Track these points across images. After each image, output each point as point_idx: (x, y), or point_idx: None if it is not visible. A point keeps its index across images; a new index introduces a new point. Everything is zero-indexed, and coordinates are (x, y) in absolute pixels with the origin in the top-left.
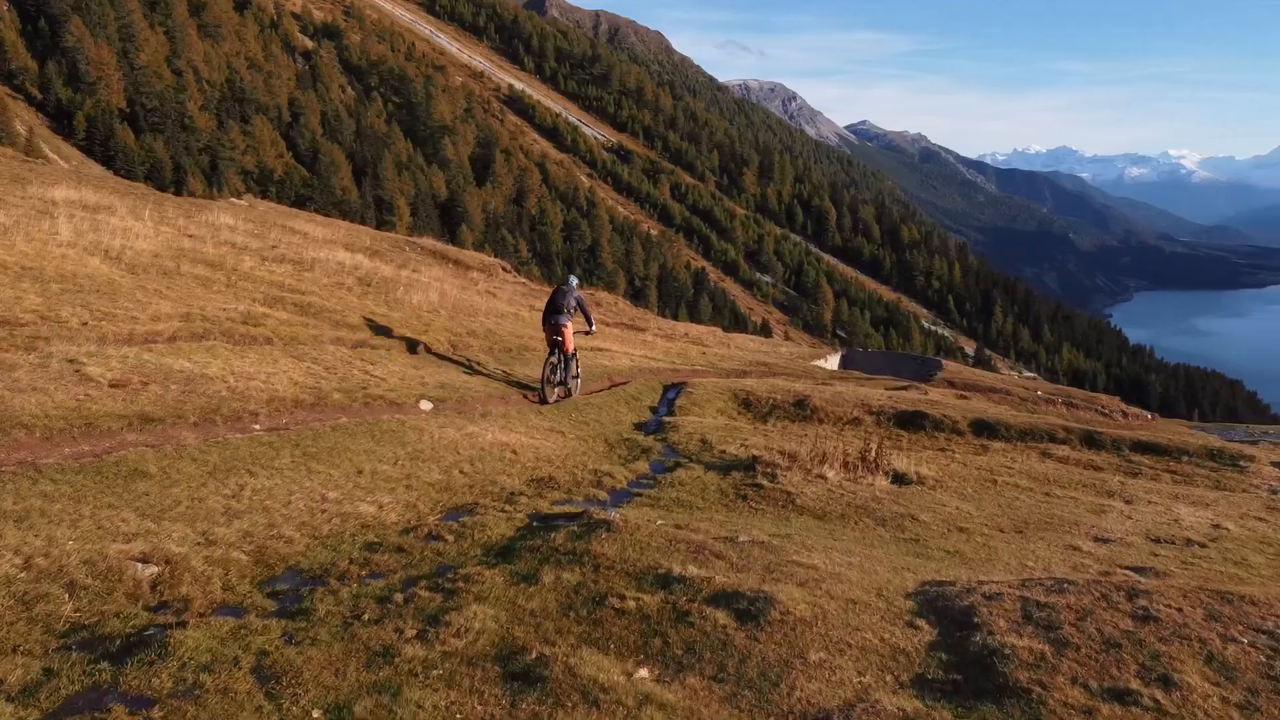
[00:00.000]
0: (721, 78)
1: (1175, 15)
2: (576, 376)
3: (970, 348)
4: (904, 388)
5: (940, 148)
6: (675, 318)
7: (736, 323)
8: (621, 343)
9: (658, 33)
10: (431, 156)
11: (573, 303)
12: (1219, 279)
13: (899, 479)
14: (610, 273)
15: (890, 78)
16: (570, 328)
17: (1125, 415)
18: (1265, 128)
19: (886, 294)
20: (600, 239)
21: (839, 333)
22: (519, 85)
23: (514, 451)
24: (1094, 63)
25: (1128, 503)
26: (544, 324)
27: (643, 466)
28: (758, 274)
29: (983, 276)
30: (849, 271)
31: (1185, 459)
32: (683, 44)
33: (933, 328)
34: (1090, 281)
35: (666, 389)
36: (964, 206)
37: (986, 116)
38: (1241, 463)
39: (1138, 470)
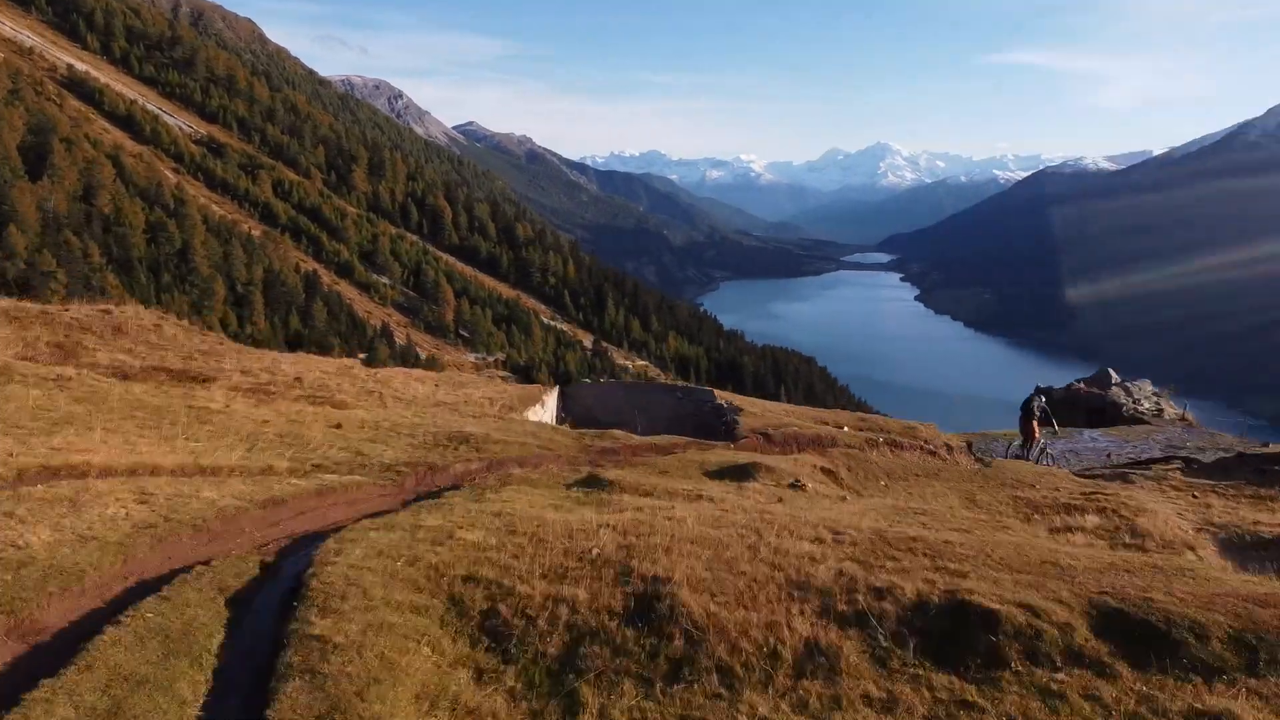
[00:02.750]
0: (323, 72)
1: (745, 37)
2: None
3: (588, 340)
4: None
5: (545, 150)
6: (287, 326)
7: (355, 328)
8: (128, 436)
9: (249, 20)
10: None
11: None
12: (786, 268)
13: None
14: (206, 279)
15: (494, 80)
16: None
17: (950, 449)
18: (814, 136)
19: (506, 291)
20: (192, 241)
21: (461, 332)
22: (81, 66)
23: None
24: (679, 75)
25: None
26: None
27: None
28: (375, 275)
29: (595, 272)
30: (468, 270)
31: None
32: (277, 35)
33: (552, 323)
34: (683, 274)
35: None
36: (570, 206)
37: (586, 121)
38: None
39: None
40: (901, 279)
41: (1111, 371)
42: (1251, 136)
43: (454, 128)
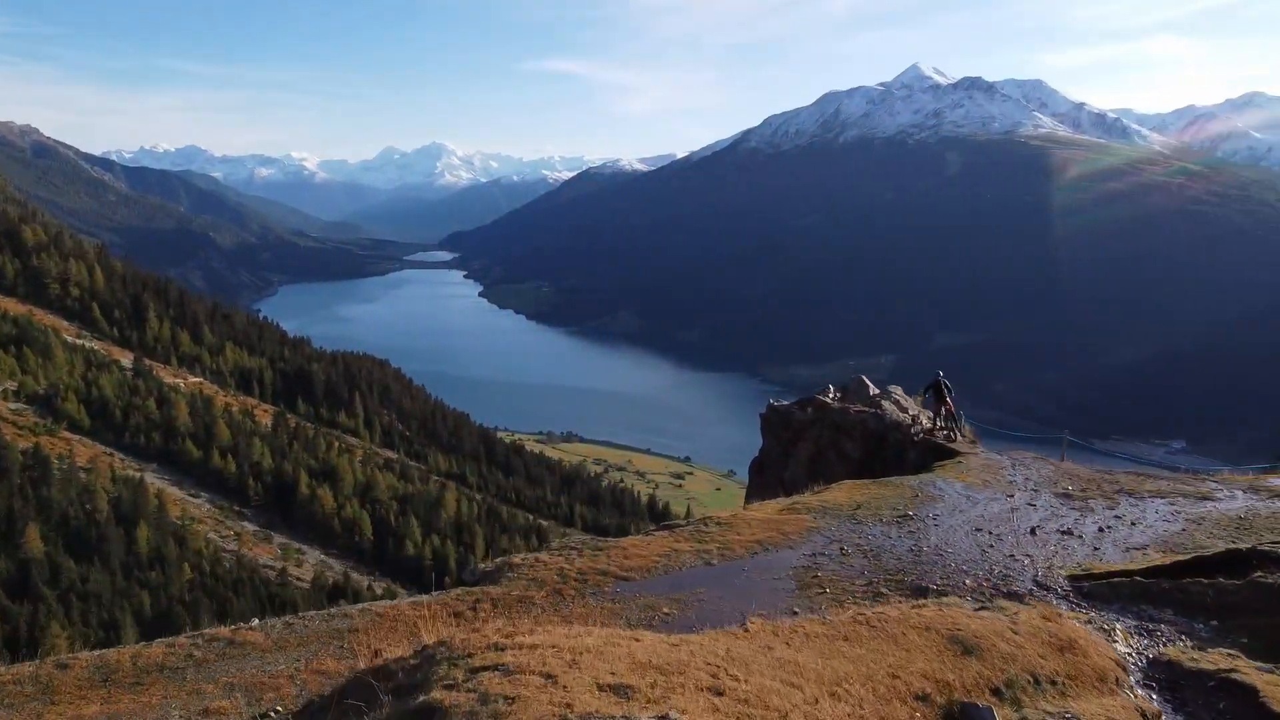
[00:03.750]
0: None
1: (281, 28)
2: None
3: (127, 359)
4: None
5: (58, 142)
6: None
7: None
8: None
9: None
10: None
11: None
12: (349, 269)
13: None
14: None
15: None
16: None
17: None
18: (370, 134)
19: (14, 308)
20: None
21: None
22: None
23: None
24: (216, 66)
25: None
26: None
27: None
28: None
29: (130, 280)
30: None
31: None
32: None
33: (79, 341)
34: (236, 278)
35: None
36: (94, 206)
37: (107, 111)
38: None
39: None
40: (465, 276)
41: (865, 379)
42: (752, 143)
43: None
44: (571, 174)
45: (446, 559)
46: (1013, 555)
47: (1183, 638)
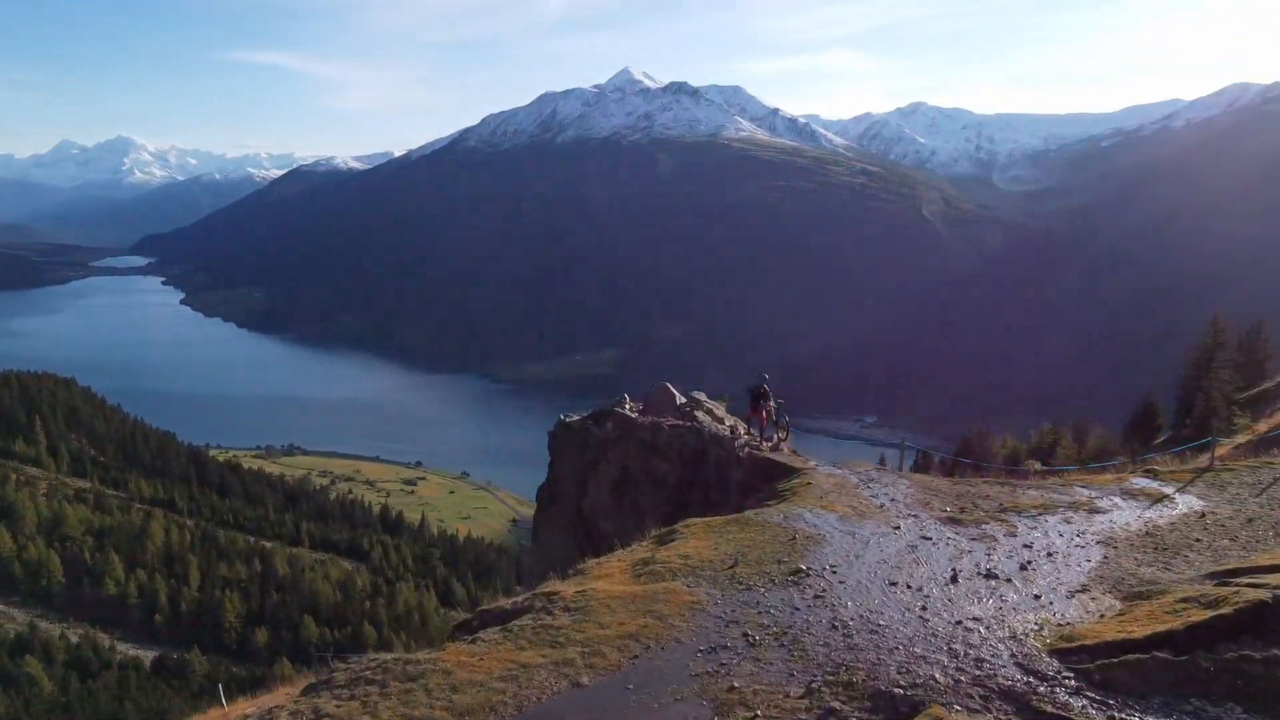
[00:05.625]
0: None
1: None
2: None
3: None
4: None
5: None
6: None
7: None
8: None
9: None
10: None
11: None
12: (23, 278)
13: None
14: None
15: None
16: None
17: None
18: (42, 127)
19: None
20: None
21: None
22: None
23: None
24: None
25: None
26: None
27: None
28: None
29: None
30: None
31: None
32: None
33: None
34: None
35: None
36: None
37: None
38: None
39: None
40: (164, 283)
41: (671, 387)
42: (471, 142)
43: None
44: (281, 172)
45: (156, 594)
46: (960, 622)
47: None
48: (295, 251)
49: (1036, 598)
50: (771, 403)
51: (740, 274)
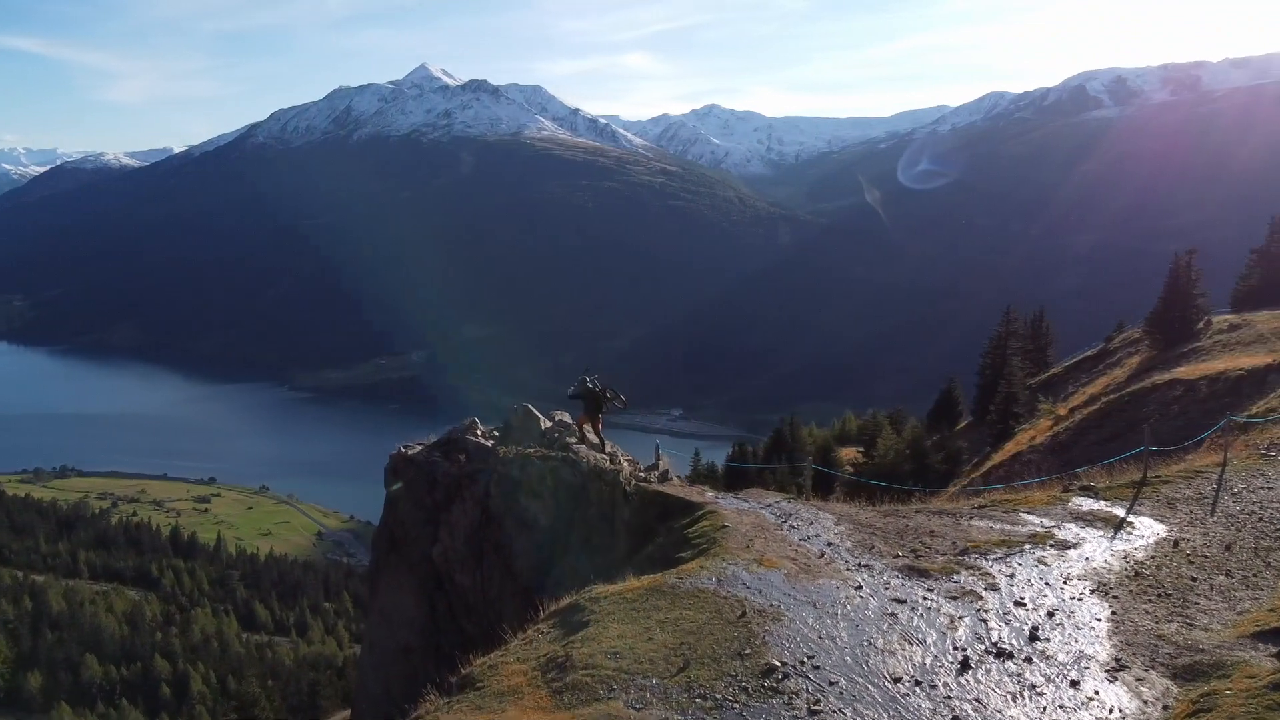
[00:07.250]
0: None
1: None
2: None
3: None
4: None
5: None
6: None
7: None
8: None
9: None
10: None
11: None
12: None
13: None
14: None
15: None
16: None
17: None
18: None
19: None
20: None
21: None
22: None
23: None
24: None
25: None
26: None
27: None
28: None
29: None
30: None
31: None
32: None
33: None
34: None
35: None
36: None
37: None
38: None
39: None
40: None
41: (533, 409)
42: (260, 138)
43: None
44: (42, 169)
45: None
46: None
47: None
48: (63, 255)
49: (1075, 685)
50: (617, 402)
51: (546, 273)
